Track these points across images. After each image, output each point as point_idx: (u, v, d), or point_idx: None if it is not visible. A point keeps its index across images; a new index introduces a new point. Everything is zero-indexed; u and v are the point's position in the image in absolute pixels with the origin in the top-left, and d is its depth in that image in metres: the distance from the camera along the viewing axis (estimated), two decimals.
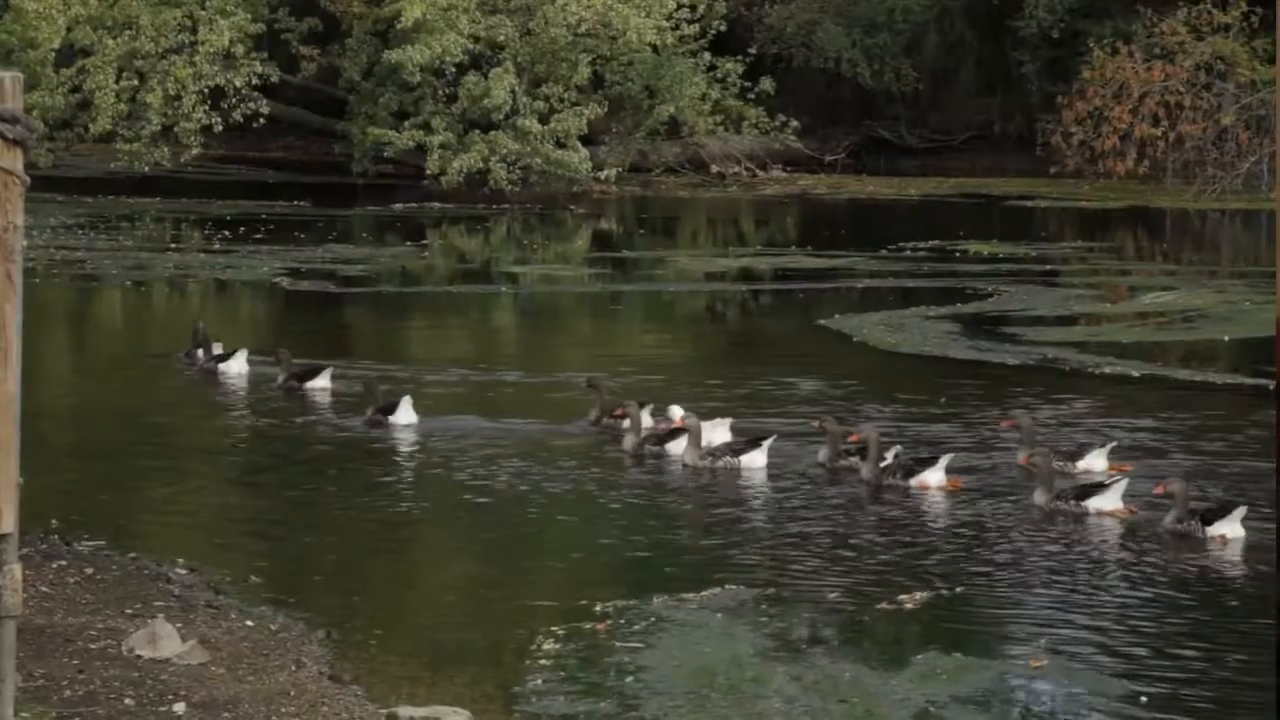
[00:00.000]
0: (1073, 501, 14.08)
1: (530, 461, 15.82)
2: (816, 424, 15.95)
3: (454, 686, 10.01)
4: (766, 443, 15.57)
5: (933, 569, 12.48)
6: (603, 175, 46.53)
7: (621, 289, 29.93)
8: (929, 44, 54.73)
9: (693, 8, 47.19)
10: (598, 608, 11.35)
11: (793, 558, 12.78)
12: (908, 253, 33.51)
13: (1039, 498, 14.26)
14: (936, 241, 34.95)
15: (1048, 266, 31.77)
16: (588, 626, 11.01)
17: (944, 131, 55.81)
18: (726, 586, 11.86)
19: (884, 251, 33.64)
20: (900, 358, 21.59)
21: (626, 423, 16.42)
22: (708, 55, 48.01)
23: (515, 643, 10.76)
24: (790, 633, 10.98)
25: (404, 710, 9.31)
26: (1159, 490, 13.82)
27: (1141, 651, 10.80)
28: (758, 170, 50.59)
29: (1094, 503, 14.03)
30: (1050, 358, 21.42)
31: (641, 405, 16.71)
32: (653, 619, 11.15)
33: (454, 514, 14.04)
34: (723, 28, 48.44)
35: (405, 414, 17.06)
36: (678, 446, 15.96)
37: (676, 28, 46.81)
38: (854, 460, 15.37)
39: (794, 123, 49.19)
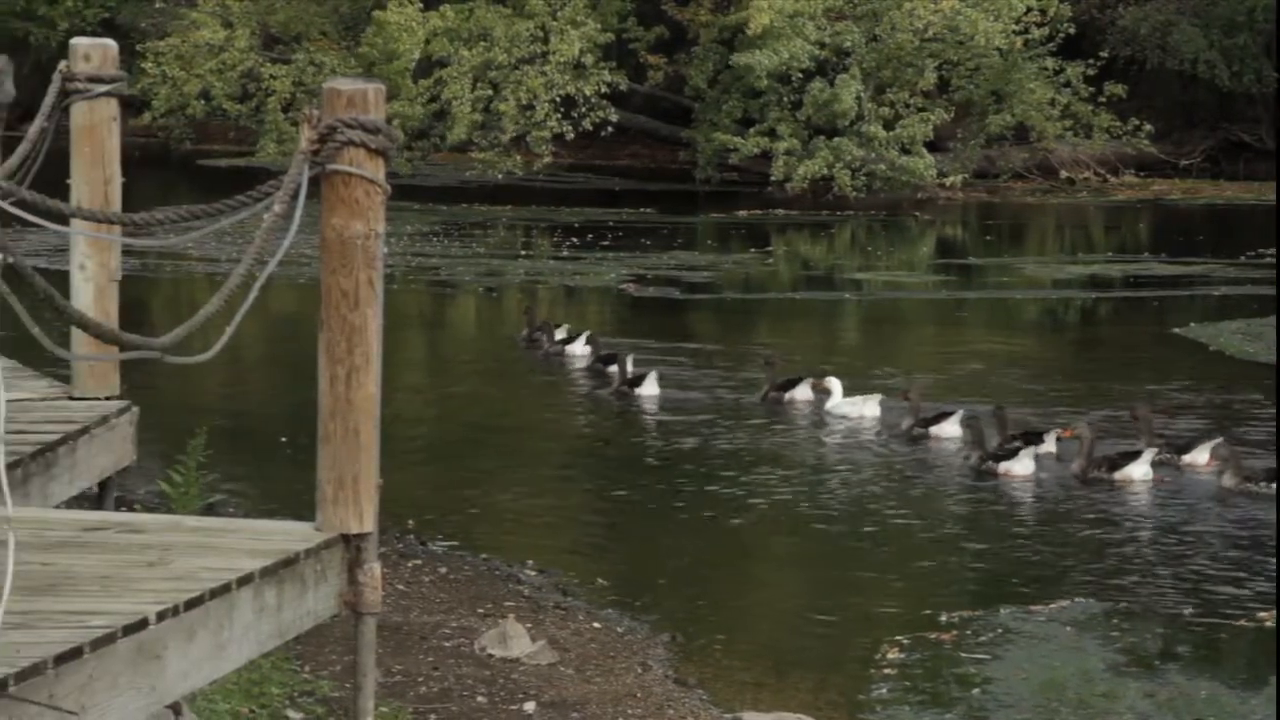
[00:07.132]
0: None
1: (867, 469, 15.75)
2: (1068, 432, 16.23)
3: (798, 693, 10.00)
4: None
5: None
6: (948, 181, 46.04)
7: (966, 296, 29.56)
8: None
9: (1042, 11, 46.40)
10: (942, 618, 11.23)
11: (1140, 570, 12.46)
12: (1268, 259, 32.40)
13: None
14: None
15: None
16: (932, 636, 10.90)
17: None
18: (1075, 599, 11.62)
19: (1242, 258, 32.59)
20: (1259, 367, 20.89)
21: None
22: (1056, 59, 47.15)
23: (859, 651, 10.70)
24: (1142, 648, 10.71)
25: (749, 715, 9.33)
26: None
27: None
28: (1109, 175, 49.49)
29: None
30: None
31: (801, 379, 18.49)
32: (999, 630, 10.98)
33: (796, 519, 14.03)
34: (1071, 30, 47.51)
35: (650, 387, 18.83)
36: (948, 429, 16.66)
37: (1025, 31, 46.10)
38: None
39: (1147, 126, 48.01)
